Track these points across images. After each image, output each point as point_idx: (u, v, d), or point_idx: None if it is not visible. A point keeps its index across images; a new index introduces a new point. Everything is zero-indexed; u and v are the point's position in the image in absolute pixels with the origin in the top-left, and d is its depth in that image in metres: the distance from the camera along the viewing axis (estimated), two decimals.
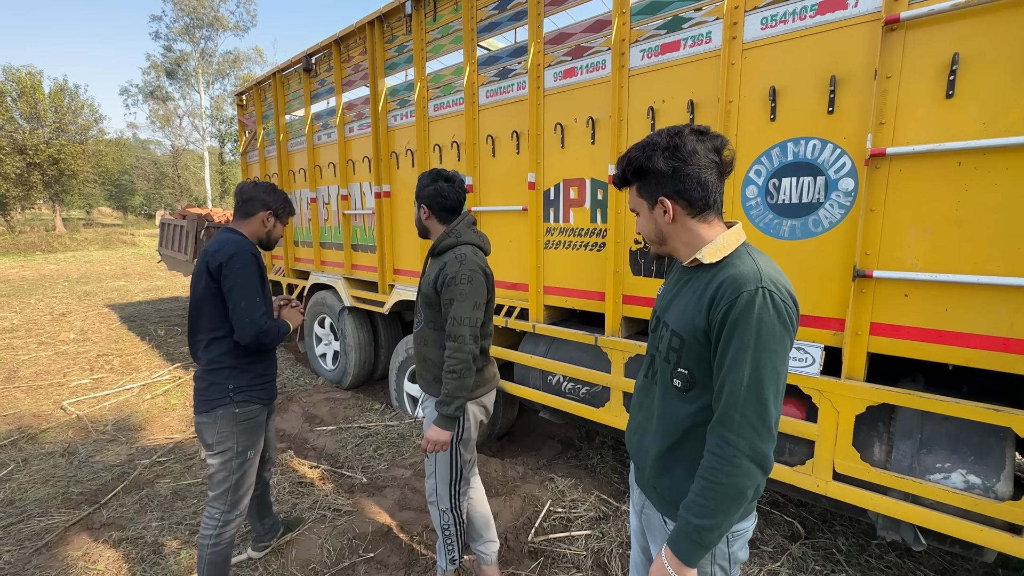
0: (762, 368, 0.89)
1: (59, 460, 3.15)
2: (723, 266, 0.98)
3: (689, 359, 1.01)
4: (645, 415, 1.14)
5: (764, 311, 0.89)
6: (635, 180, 1.05)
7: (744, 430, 0.90)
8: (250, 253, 1.81)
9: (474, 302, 1.69)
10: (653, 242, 1.10)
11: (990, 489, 1.56)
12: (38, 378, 4.77)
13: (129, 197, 34.66)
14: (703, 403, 1.01)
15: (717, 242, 1.01)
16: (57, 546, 2.35)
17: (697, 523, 0.93)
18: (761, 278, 0.91)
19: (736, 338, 0.90)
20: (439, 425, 1.71)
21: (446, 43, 3.04)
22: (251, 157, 5.50)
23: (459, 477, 1.86)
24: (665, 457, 1.07)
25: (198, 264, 1.80)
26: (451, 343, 1.68)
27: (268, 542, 2.26)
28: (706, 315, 0.96)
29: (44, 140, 20.72)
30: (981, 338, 1.55)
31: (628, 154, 1.05)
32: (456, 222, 1.81)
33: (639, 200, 1.07)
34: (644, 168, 1.01)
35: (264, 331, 1.79)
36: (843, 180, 1.75)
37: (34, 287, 10.49)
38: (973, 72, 1.49)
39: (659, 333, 1.10)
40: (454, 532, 1.92)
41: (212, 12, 24.64)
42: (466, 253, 1.73)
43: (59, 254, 17.78)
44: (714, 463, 0.92)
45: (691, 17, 2.05)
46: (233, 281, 1.74)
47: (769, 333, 0.89)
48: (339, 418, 3.84)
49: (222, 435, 1.80)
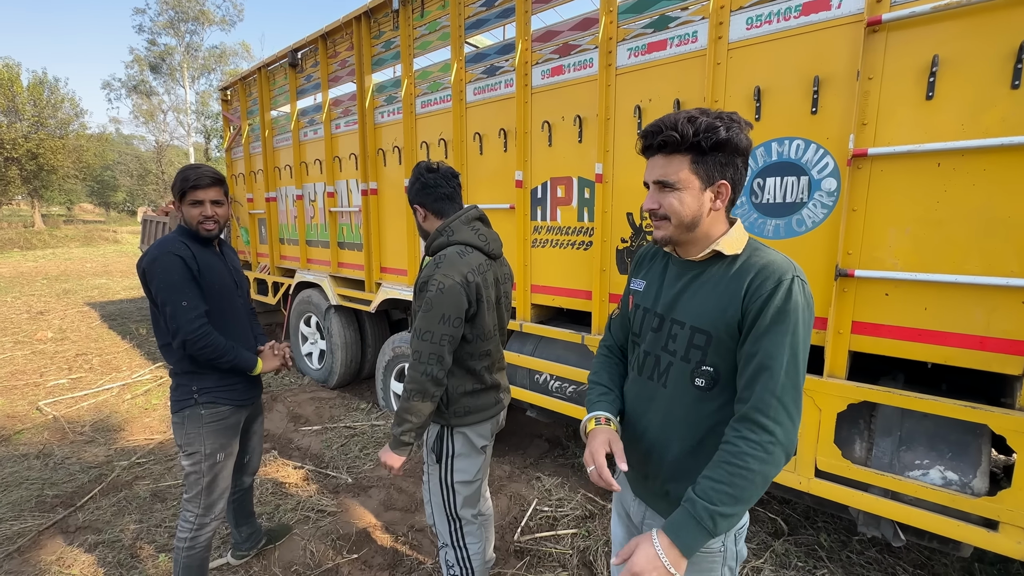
0: (799, 355, 0.89)
1: (33, 462, 3.07)
2: (748, 256, 0.96)
3: (716, 356, 0.96)
4: (652, 421, 1.07)
5: (800, 298, 0.89)
6: (701, 151, 0.92)
7: (781, 416, 0.88)
8: (172, 255, 1.64)
9: (442, 314, 1.42)
10: (683, 226, 0.97)
11: (967, 485, 1.59)
12: (13, 378, 4.65)
13: (111, 193, 33.97)
14: (723, 400, 0.98)
15: (733, 234, 0.98)
16: (30, 550, 2.29)
17: (717, 510, 0.86)
18: (794, 267, 0.93)
19: (779, 324, 0.88)
20: (390, 447, 1.51)
21: (434, 39, 3.02)
22: (236, 153, 5.41)
23: (453, 512, 1.65)
24: (685, 461, 1.02)
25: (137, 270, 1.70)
26: (411, 358, 1.46)
27: (247, 551, 2.21)
28: (740, 305, 0.92)
29: (22, 134, 20.19)
30: (959, 336, 1.58)
31: (699, 118, 0.91)
32: (452, 218, 1.58)
33: (689, 176, 0.94)
34: (723, 141, 0.90)
35: (191, 340, 1.63)
36: (826, 180, 1.77)
37: (11, 285, 10.22)
38: (952, 74, 1.51)
39: (667, 332, 1.03)
40: (459, 574, 1.70)
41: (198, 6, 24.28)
42: (448, 255, 1.49)
43: (38, 251, 17.35)
44: (746, 449, 0.87)
45: (677, 16, 2.05)
46: (156, 287, 1.64)
47: (804, 321, 0.90)
48: (325, 418, 3.80)
49: (189, 436, 1.75)
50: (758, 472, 0.87)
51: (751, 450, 0.87)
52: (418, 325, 1.45)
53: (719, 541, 1.03)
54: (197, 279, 1.68)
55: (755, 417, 0.88)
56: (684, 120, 0.91)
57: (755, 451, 0.87)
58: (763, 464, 0.87)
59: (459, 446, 1.62)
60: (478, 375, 1.60)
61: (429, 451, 1.65)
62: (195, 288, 1.67)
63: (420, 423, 1.47)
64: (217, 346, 1.68)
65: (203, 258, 1.72)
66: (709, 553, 1.03)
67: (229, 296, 1.81)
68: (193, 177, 1.68)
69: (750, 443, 0.88)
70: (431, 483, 1.67)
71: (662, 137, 0.94)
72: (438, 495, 1.65)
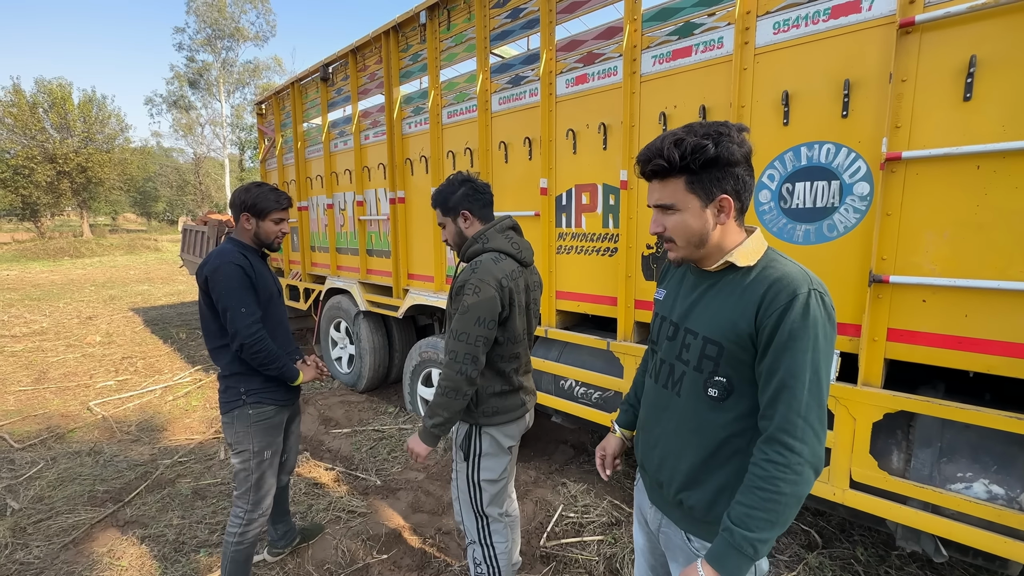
0: (820, 371, 0.88)
1: (85, 459, 3.25)
2: (763, 268, 0.95)
3: (728, 367, 0.96)
4: (666, 428, 1.08)
5: (819, 313, 0.88)
6: (693, 171, 0.92)
7: (807, 436, 0.87)
8: (233, 264, 1.77)
9: (477, 317, 1.49)
10: (692, 244, 0.98)
11: (1014, 500, 1.52)
12: (66, 379, 4.94)
13: (153, 204, 35.65)
14: (739, 411, 0.98)
15: (748, 245, 0.97)
16: (84, 542, 2.43)
17: (755, 537, 0.87)
18: (811, 280, 0.91)
19: (796, 341, 0.87)
20: (420, 436, 1.57)
21: (459, 51, 3.09)
22: (270, 164, 5.63)
23: (480, 509, 1.70)
24: (698, 471, 1.02)
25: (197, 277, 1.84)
26: (445, 357, 1.53)
27: (282, 549, 2.29)
28: (753, 319, 0.92)
29: (73, 149, 21.47)
30: (1003, 344, 1.52)
31: (685, 139, 0.90)
32: (488, 227, 1.64)
33: (686, 195, 0.94)
34: (714, 158, 0.90)
35: (248, 344, 1.75)
36: (858, 184, 1.74)
37: (62, 291, 10.85)
38: (991, 74, 1.47)
39: (681, 341, 1.04)
40: (486, 572, 1.74)
41: (233, 23, 25.32)
42: (483, 261, 1.55)
43: (86, 259, 18.35)
44: (775, 472, 0.87)
45: (703, 23, 2.05)
46: (217, 294, 1.76)
47: (824, 335, 0.88)
48: (354, 421, 3.90)
49: (239, 435, 1.85)
50: (790, 495, 0.87)
51: (780, 473, 0.87)
52: (455, 327, 1.52)
53: None
54: (255, 287, 1.82)
55: (781, 438, 0.88)
56: (670, 145, 0.92)
57: (784, 473, 0.87)
58: (794, 486, 0.87)
59: (486, 446, 1.67)
60: (507, 377, 1.66)
61: (458, 449, 1.70)
62: (253, 295, 1.81)
63: (450, 418, 1.54)
64: (270, 352, 1.81)
65: (258, 267, 1.88)
66: None
67: (276, 302, 1.96)
68: (277, 200, 1.90)
69: (778, 466, 0.87)
70: (459, 480, 1.72)
71: (651, 167, 0.95)
72: (465, 492, 1.71)
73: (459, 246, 1.70)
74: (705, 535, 1.04)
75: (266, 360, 1.81)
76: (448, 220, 1.68)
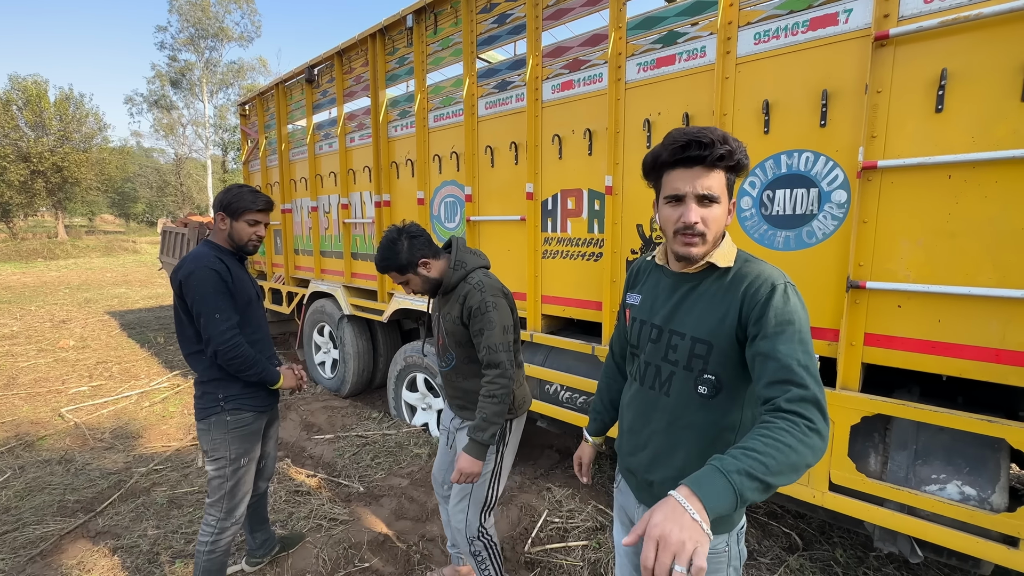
0: (809, 348, 0.91)
1: (56, 468, 3.15)
2: (741, 267, 1.01)
3: (717, 364, 1.00)
4: (657, 428, 1.10)
5: (796, 300, 0.95)
6: (731, 168, 0.98)
7: (816, 416, 0.83)
8: (209, 269, 1.72)
9: (503, 326, 1.65)
10: (713, 241, 1.01)
11: (985, 500, 1.56)
12: (37, 385, 4.78)
13: (132, 205, 34.84)
14: (727, 407, 1.02)
15: (723, 248, 1.03)
16: (52, 554, 2.34)
17: (745, 468, 0.76)
18: (784, 274, 0.98)
19: (787, 325, 0.91)
20: (472, 454, 1.61)
21: (446, 55, 3.09)
22: (253, 166, 5.55)
23: (493, 504, 1.80)
24: (692, 467, 0.99)
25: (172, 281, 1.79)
26: (492, 370, 1.63)
27: (260, 558, 2.24)
28: (738, 313, 0.97)
29: (48, 148, 20.88)
30: (974, 349, 1.56)
31: (729, 140, 0.95)
32: (454, 252, 1.73)
33: (723, 189, 0.98)
34: (745, 165, 0.99)
35: (223, 350, 1.71)
36: (836, 192, 1.78)
37: (35, 294, 10.51)
38: (962, 87, 1.52)
39: (667, 343, 1.07)
40: (487, 556, 1.83)
41: (217, 23, 24.96)
42: (482, 280, 1.68)
43: (61, 261, 17.84)
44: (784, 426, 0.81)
45: (686, 32, 2.08)
46: (192, 299, 1.72)
47: (803, 319, 0.93)
48: (337, 426, 3.84)
49: (215, 442, 1.81)
50: (793, 448, 0.79)
51: (789, 427, 0.81)
52: (492, 342, 1.63)
53: (724, 541, 1.05)
54: (231, 291, 1.77)
55: (793, 408, 0.83)
56: (722, 136, 0.94)
57: (793, 429, 0.81)
58: (800, 443, 0.79)
59: (513, 437, 1.83)
60: (522, 370, 1.87)
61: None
62: (229, 300, 1.75)
63: (501, 424, 1.67)
64: (246, 358, 1.76)
65: (235, 271, 1.82)
66: (715, 554, 1.05)
67: (255, 306, 1.91)
68: (253, 200, 1.82)
69: (790, 422, 0.82)
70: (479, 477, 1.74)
71: (720, 151, 0.92)
72: (483, 487, 1.77)
73: (435, 287, 1.75)
74: None
75: (242, 366, 1.76)
76: (410, 276, 1.71)
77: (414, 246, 1.67)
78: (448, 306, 1.73)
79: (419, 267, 1.69)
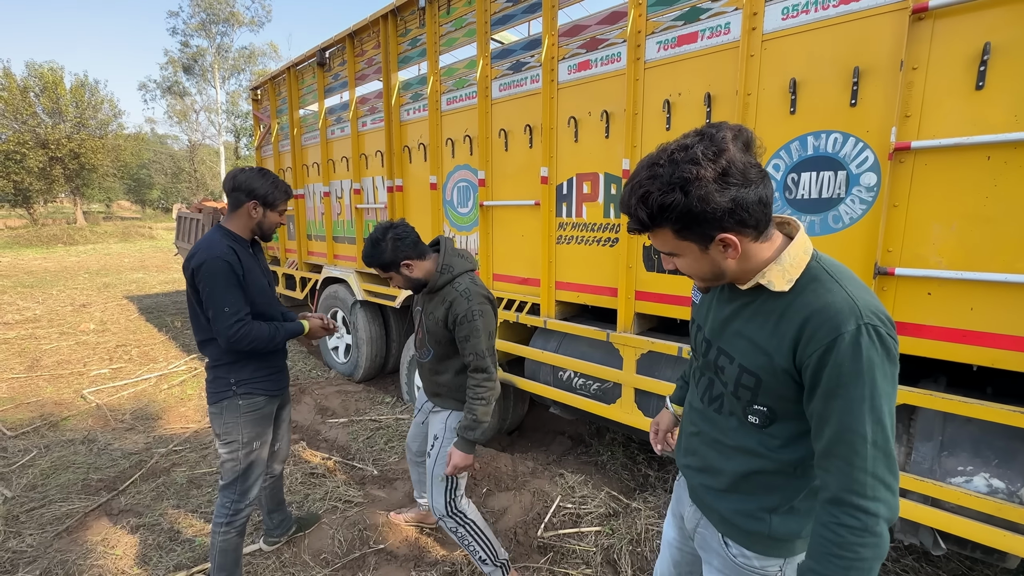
0: (883, 417, 0.77)
1: (79, 447, 3.23)
2: (801, 293, 0.83)
3: (767, 398, 0.89)
4: (705, 440, 1.05)
5: (873, 352, 0.76)
6: (675, 225, 0.82)
7: (880, 492, 0.77)
8: (221, 260, 1.69)
9: (488, 332, 1.75)
10: (706, 280, 0.92)
11: (1014, 494, 1.51)
12: (60, 367, 4.89)
13: (147, 191, 35.27)
14: (783, 439, 0.92)
15: (783, 261, 0.84)
16: (77, 531, 2.41)
17: None
18: (859, 311, 0.77)
19: (848, 388, 0.76)
20: (464, 450, 1.74)
21: (459, 36, 3.03)
22: (265, 151, 5.55)
23: (454, 484, 1.89)
24: (740, 483, 0.98)
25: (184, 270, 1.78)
26: (479, 374, 1.74)
27: (278, 538, 2.28)
28: (790, 356, 0.83)
29: (65, 135, 21.12)
30: (1008, 338, 1.51)
31: (650, 193, 0.79)
32: (442, 255, 1.79)
33: (679, 243, 0.85)
34: (686, 212, 0.78)
35: (234, 341, 1.71)
36: (865, 175, 1.71)
37: (56, 278, 10.74)
38: (1005, 62, 1.43)
39: (715, 360, 0.98)
40: (466, 532, 1.89)
41: (228, 8, 24.89)
42: (468, 287, 1.75)
43: (80, 246, 18.18)
44: (852, 538, 0.76)
45: (709, 8, 2.00)
46: (203, 290, 1.71)
47: (882, 376, 0.76)
48: (351, 411, 3.88)
49: (228, 426, 1.82)
50: (872, 558, 0.77)
51: (857, 538, 0.76)
52: (478, 348, 1.73)
53: (778, 566, 1.00)
54: (241, 283, 1.76)
55: (851, 500, 0.77)
56: (637, 203, 0.81)
57: (862, 537, 0.76)
58: (875, 548, 0.77)
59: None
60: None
61: (451, 431, 1.88)
62: (238, 292, 1.74)
63: (489, 423, 1.78)
64: (260, 336, 1.77)
65: (246, 261, 1.80)
66: None
67: (265, 293, 1.90)
68: (286, 190, 1.88)
69: (854, 531, 0.77)
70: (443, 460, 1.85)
71: (631, 225, 0.87)
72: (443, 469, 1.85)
73: (419, 286, 1.83)
74: (744, 542, 1.01)
75: (260, 344, 1.77)
76: (393, 274, 1.78)
77: (398, 247, 1.72)
78: (433, 305, 1.81)
79: (401, 267, 1.75)
